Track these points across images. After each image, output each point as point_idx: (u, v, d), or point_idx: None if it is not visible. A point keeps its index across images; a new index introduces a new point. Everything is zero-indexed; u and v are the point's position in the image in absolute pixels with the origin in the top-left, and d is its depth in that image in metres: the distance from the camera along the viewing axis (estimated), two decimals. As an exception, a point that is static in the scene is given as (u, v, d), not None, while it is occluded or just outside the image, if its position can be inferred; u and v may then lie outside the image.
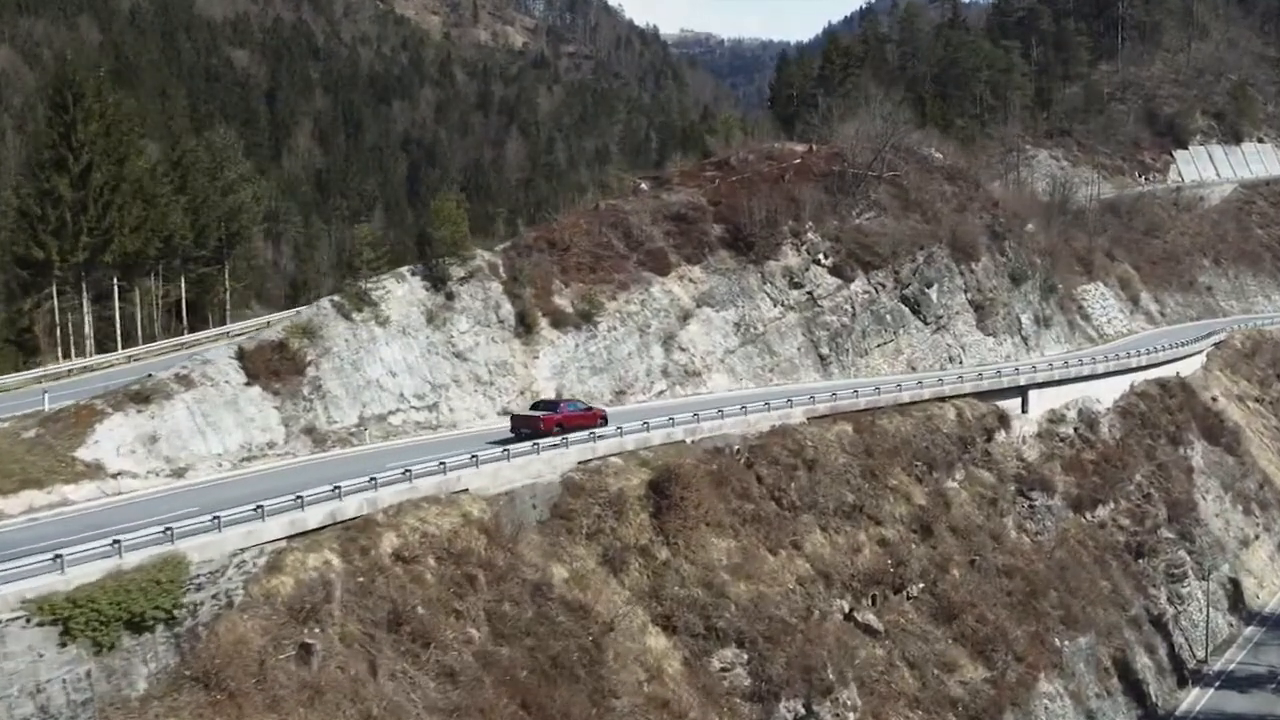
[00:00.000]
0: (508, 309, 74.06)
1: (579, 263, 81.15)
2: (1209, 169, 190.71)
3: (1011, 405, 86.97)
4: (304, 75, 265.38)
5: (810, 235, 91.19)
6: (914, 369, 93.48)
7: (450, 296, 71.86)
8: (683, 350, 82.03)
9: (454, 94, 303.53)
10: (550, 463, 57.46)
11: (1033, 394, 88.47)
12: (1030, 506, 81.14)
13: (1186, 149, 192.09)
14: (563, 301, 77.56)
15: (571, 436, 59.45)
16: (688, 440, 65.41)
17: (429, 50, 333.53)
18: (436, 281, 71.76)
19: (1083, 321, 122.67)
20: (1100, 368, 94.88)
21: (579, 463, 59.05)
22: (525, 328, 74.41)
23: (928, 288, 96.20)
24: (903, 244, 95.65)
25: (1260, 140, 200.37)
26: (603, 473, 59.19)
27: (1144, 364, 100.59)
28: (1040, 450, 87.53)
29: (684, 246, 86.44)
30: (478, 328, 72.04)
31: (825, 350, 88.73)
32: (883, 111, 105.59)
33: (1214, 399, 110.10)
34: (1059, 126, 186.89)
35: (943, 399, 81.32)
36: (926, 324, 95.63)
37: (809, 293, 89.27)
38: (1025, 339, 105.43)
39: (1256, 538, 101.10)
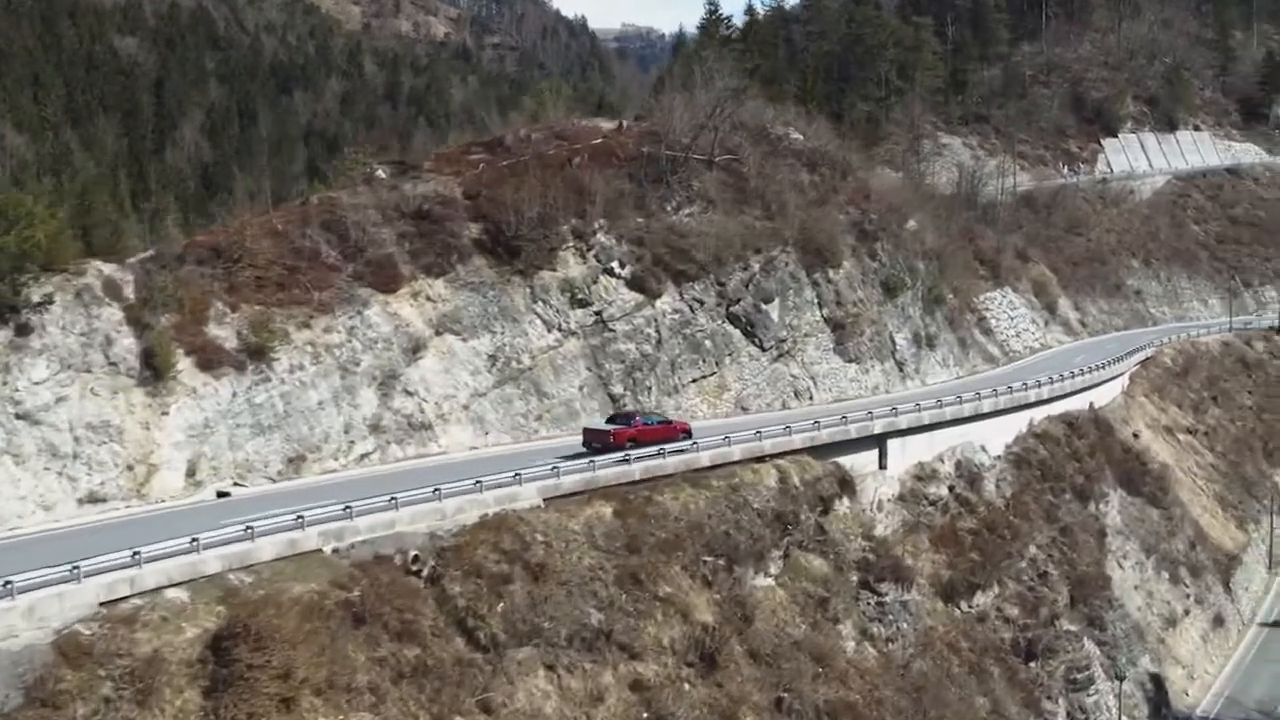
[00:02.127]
0: (128, 344, 51.95)
1: (260, 278, 59.26)
2: (1140, 159, 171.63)
3: (863, 461, 65.76)
4: (198, 64, 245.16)
5: (601, 237, 69.52)
6: (745, 409, 72.21)
7: (25, 330, 49.46)
8: (409, 395, 60.27)
9: (361, 84, 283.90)
10: (32, 613, 35.15)
11: (893, 444, 67.28)
12: (879, 603, 59.87)
13: (1116, 137, 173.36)
14: (223, 332, 55.54)
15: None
16: (327, 549, 43.49)
17: (338, 40, 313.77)
18: (4, 309, 49.28)
19: (982, 337, 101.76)
20: (987, 405, 73.73)
21: (103, 604, 36.81)
22: (154, 371, 52.24)
23: (766, 303, 74.85)
24: (733, 247, 74.33)
25: (1196, 128, 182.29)
26: (138, 620, 36.98)
27: (1046, 397, 79.58)
28: (901, 519, 66.32)
29: (424, 253, 64.67)
30: (66, 374, 49.67)
31: (618, 389, 67.15)
32: (715, 80, 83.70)
33: (1136, 435, 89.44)
34: (975, 111, 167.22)
35: (760, 459, 59.83)
36: (764, 349, 74.31)
37: (597, 313, 67.72)
38: (900, 364, 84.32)
39: (1186, 613, 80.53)
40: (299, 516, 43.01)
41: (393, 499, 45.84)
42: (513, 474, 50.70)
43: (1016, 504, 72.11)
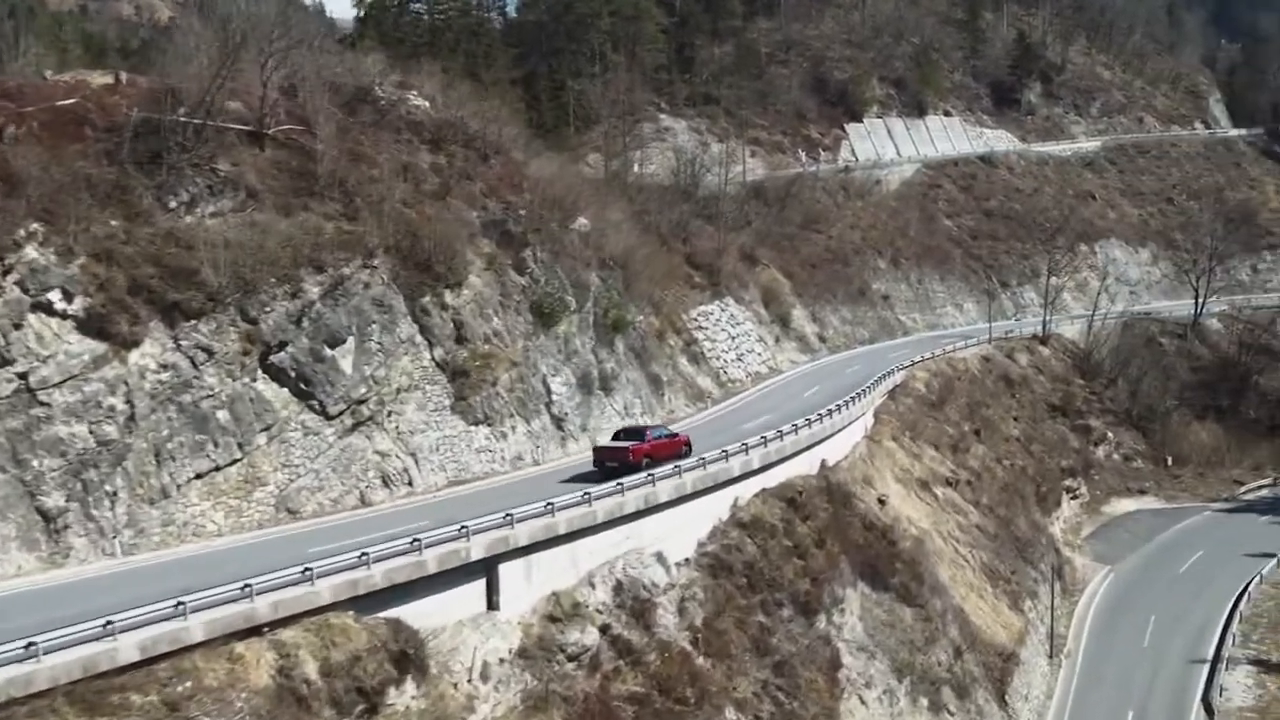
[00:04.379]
0: None
1: None
2: (887, 146, 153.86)
3: (456, 605, 41.10)
4: None
5: (33, 252, 42.66)
6: (294, 512, 46.64)
7: None
8: None
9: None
10: None
11: (510, 571, 42.86)
12: None
13: (861, 122, 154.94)
14: None
15: None
16: None
17: (41, 21, 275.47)
18: None
19: (689, 367, 78.88)
20: (665, 490, 49.90)
21: None
22: None
23: (333, 346, 49.54)
24: (278, 263, 48.57)
25: (947, 114, 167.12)
26: None
27: (756, 466, 56.54)
28: (521, 693, 41.81)
29: None
30: None
31: (56, 500, 40.64)
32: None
33: (882, 500, 67.60)
34: (704, 92, 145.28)
35: (252, 631, 34.42)
36: (329, 417, 48.91)
37: (21, 376, 40.99)
38: (559, 420, 60.19)
39: (953, 754, 58.48)
40: None
41: None
42: None
43: (710, 638, 48.56)
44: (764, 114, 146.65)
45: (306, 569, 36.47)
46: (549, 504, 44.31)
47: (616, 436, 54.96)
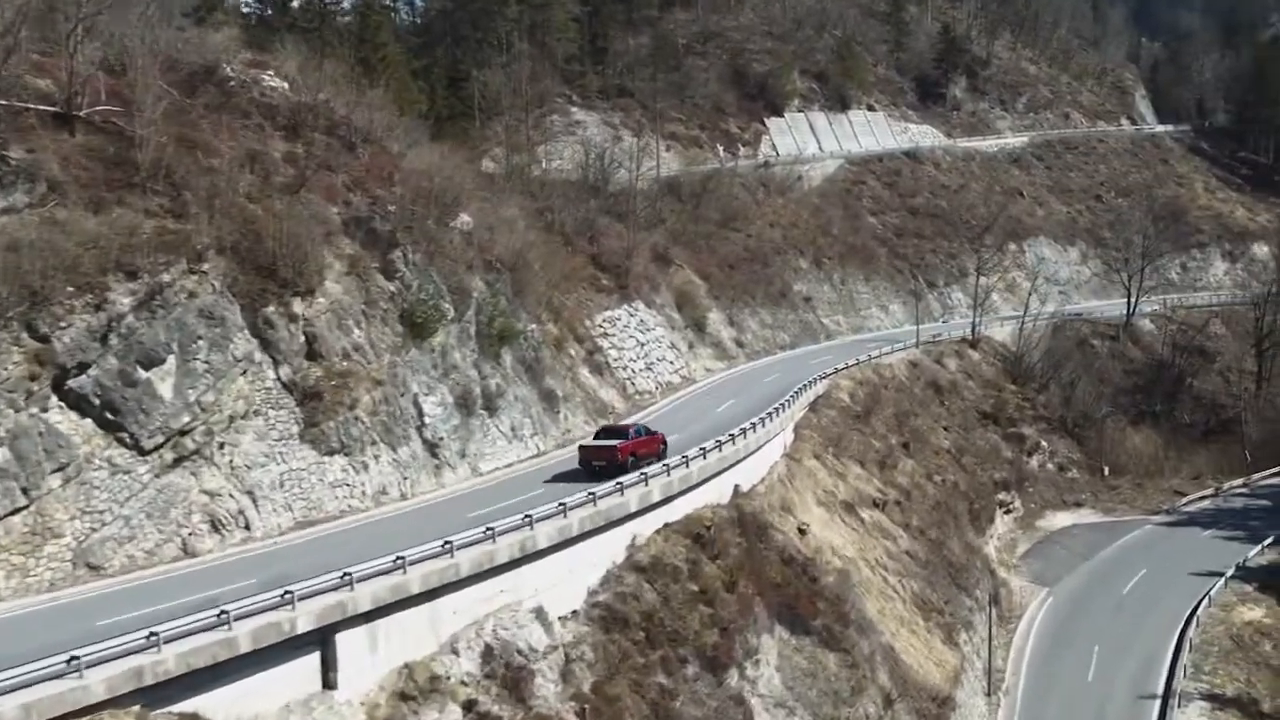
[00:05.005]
0: None
1: None
2: (809, 141, 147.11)
3: (280, 686, 33.48)
4: None
5: None
6: (96, 568, 38.69)
7: None
8: None
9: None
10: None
11: (350, 641, 35.40)
12: None
13: (782, 116, 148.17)
14: None
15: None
16: None
17: None
18: None
19: (591, 379, 71.65)
20: (546, 532, 42.48)
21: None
22: None
23: (148, 366, 41.61)
24: (82, 266, 40.59)
25: (870, 108, 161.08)
26: None
27: (657, 499, 49.36)
28: (360, 792, 34.14)
29: None
30: None
31: None
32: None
33: (803, 529, 60.69)
34: (617, 84, 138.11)
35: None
36: (144, 452, 40.98)
37: None
38: (433, 446, 52.57)
39: (882, 822, 51.63)
40: None
41: None
42: None
43: (600, 707, 41.26)
44: (680, 107, 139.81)
45: (73, 658, 28.76)
46: (399, 558, 36.81)
47: (599, 436, 54.59)
